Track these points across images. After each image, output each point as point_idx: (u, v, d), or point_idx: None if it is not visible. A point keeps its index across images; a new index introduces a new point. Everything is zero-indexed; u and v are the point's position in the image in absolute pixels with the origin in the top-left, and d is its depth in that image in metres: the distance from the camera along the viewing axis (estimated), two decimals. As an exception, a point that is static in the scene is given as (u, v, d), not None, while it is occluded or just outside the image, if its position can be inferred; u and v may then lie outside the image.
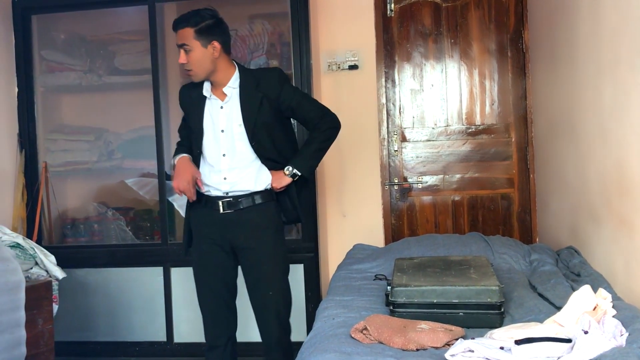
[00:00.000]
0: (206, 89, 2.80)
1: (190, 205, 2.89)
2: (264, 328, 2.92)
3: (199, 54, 2.69)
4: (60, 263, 3.45)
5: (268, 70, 3.06)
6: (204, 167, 2.82)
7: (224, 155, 2.77)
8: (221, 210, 2.79)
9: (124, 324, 4.02)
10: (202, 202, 2.83)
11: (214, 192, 2.80)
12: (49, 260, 3.41)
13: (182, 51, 2.70)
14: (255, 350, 3.90)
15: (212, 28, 2.71)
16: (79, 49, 4.29)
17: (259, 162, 2.79)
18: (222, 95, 2.79)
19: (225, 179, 2.78)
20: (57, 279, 3.40)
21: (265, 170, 2.80)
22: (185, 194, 2.78)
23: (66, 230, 4.28)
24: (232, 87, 2.79)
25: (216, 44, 2.70)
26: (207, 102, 2.80)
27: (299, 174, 2.81)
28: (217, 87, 2.80)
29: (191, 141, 2.87)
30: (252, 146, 2.75)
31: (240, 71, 2.82)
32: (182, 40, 2.69)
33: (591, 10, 2.77)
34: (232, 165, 2.77)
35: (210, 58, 2.71)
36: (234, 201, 2.78)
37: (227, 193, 2.79)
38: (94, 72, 4.24)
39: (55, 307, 3.33)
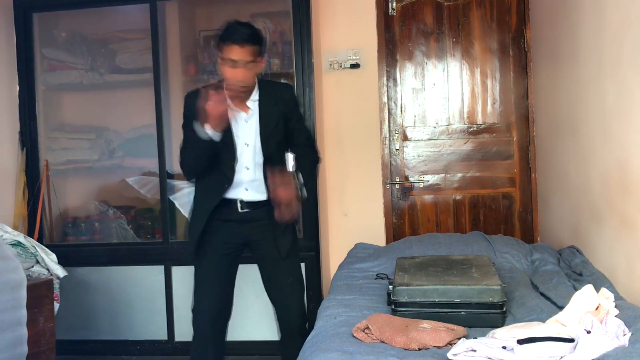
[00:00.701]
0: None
1: (201, 209, 2.87)
2: (289, 316, 2.96)
3: (259, 70, 2.72)
4: (62, 261, 3.45)
5: (284, 86, 3.02)
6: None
7: (247, 168, 2.79)
8: (239, 210, 2.82)
9: (125, 322, 4.01)
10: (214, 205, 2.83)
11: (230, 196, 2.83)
12: (50, 259, 3.41)
13: (242, 68, 2.62)
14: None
15: (264, 44, 2.74)
16: (81, 47, 4.29)
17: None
18: (246, 108, 2.77)
19: (247, 189, 2.81)
20: (58, 278, 3.40)
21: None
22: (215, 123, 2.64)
23: (67, 229, 4.28)
24: (254, 99, 2.78)
25: (264, 59, 2.74)
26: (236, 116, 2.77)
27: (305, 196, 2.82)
28: (240, 100, 2.75)
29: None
30: (265, 159, 2.79)
31: (259, 83, 2.81)
32: (250, 56, 2.62)
33: (594, 9, 2.76)
34: (254, 177, 2.80)
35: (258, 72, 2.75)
36: (252, 202, 2.84)
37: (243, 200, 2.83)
38: (96, 71, 4.24)
39: (57, 306, 3.33)
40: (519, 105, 4.11)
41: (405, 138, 4.21)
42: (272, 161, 2.78)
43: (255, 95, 2.78)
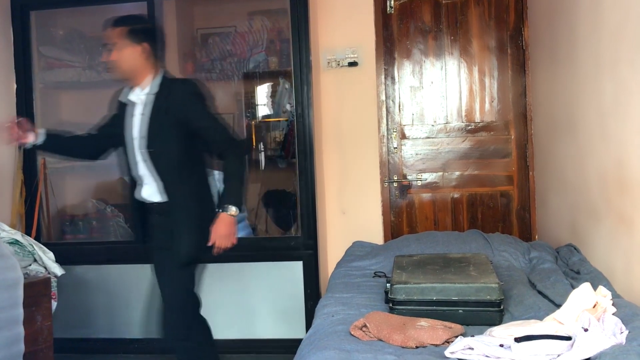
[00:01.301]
0: (125, 93, 2.82)
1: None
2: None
3: (133, 55, 2.72)
4: (59, 260, 3.44)
5: (183, 82, 2.89)
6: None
7: (137, 162, 2.76)
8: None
9: (123, 320, 4.01)
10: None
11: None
12: (47, 257, 3.40)
13: (113, 50, 2.72)
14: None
15: (145, 31, 2.78)
16: (78, 45, 4.28)
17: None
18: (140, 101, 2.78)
19: (143, 186, 2.79)
20: (55, 276, 3.39)
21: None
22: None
23: (65, 227, 4.27)
24: (150, 92, 2.74)
25: (146, 45, 2.73)
26: (127, 107, 2.79)
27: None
28: (130, 86, 2.80)
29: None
30: (149, 156, 2.72)
31: (162, 78, 2.78)
32: (116, 38, 2.72)
33: (591, 7, 2.76)
34: (145, 173, 2.75)
35: (139, 58, 2.73)
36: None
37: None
38: (93, 69, 4.22)
39: (54, 304, 3.33)
40: (517, 103, 4.11)
41: (403, 136, 4.20)
42: (184, 166, 2.71)
43: (152, 89, 2.73)
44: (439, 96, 4.18)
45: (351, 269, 3.26)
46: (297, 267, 3.88)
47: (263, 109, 4.36)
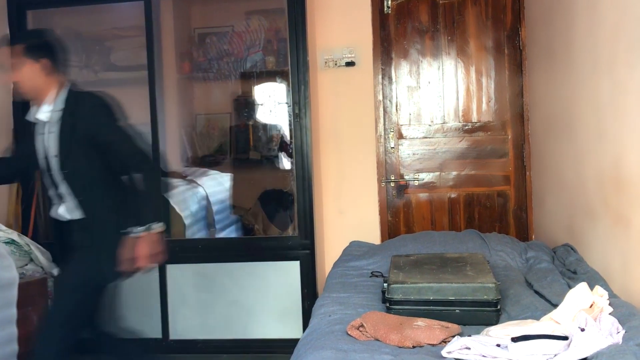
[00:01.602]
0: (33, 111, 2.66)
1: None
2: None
3: (31, 72, 2.59)
4: (56, 260, 3.43)
5: (89, 95, 2.67)
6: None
7: (55, 182, 2.65)
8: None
9: (118, 319, 3.99)
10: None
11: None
12: (44, 257, 3.39)
13: (14, 70, 2.61)
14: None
15: (42, 46, 2.64)
16: (75, 44, 4.27)
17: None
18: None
19: (60, 205, 2.68)
20: (52, 276, 3.39)
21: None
22: None
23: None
24: (55, 109, 2.61)
25: (45, 61, 2.60)
26: (37, 126, 2.65)
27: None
28: (35, 104, 2.67)
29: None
30: (71, 173, 2.61)
31: (68, 93, 2.65)
32: (11, 57, 2.61)
33: (588, 7, 2.76)
34: (64, 192, 2.64)
35: (40, 75, 2.60)
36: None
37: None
38: (90, 68, 4.22)
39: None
40: (514, 103, 4.11)
41: (400, 136, 4.20)
42: (98, 183, 2.62)
43: (57, 105, 2.61)
44: (436, 96, 4.18)
45: (348, 268, 3.26)
46: (294, 267, 3.88)
47: (260, 109, 4.36)
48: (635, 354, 1.67)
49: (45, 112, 2.62)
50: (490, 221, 4.13)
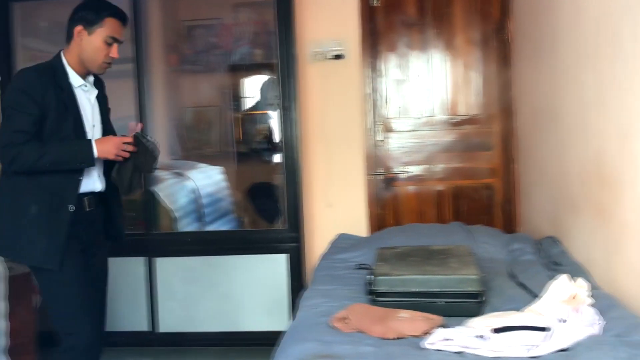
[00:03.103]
0: (76, 76, 2.57)
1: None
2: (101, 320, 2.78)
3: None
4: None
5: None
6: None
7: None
8: (87, 208, 2.59)
9: (107, 313, 4.00)
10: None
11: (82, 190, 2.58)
12: (31, 250, 3.38)
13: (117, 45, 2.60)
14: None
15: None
16: (61, 37, 4.22)
17: None
18: (91, 87, 2.65)
19: (98, 176, 2.64)
20: (39, 269, 3.38)
21: None
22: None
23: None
24: (91, 79, 2.66)
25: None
26: (81, 92, 2.58)
27: None
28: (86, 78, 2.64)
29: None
30: None
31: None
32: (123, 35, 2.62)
33: (573, 1, 2.78)
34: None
35: None
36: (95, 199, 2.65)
37: (93, 191, 2.62)
38: (77, 61, 4.20)
39: (37, 298, 3.32)
40: (501, 96, 4.13)
41: (388, 129, 4.22)
42: None
43: (90, 79, 2.65)
44: (424, 89, 4.19)
45: (335, 261, 3.28)
46: (282, 259, 3.90)
47: (249, 102, 4.36)
48: (614, 345, 1.70)
49: (90, 81, 2.64)
50: (477, 213, 4.15)
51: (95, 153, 2.47)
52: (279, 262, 3.89)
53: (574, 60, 2.77)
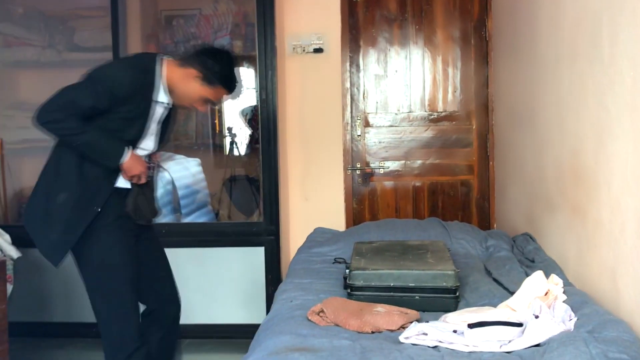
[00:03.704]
0: (163, 94, 2.58)
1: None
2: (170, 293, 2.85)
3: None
4: (16, 242, 3.38)
5: None
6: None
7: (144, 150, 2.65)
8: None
9: (80, 304, 3.94)
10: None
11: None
12: (3, 239, 3.34)
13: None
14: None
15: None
16: (38, 23, 4.19)
17: None
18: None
19: None
20: (12, 259, 3.33)
21: None
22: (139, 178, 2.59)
23: (22, 209, 4.18)
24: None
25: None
26: (159, 107, 2.59)
27: None
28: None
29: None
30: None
31: None
32: None
33: (552, 1, 2.80)
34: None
35: None
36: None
37: None
38: (53, 48, 4.15)
39: (10, 287, 3.27)
40: (479, 94, 4.16)
41: (367, 124, 4.22)
42: None
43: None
44: (403, 85, 4.20)
45: (312, 254, 3.28)
46: (258, 252, 3.89)
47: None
48: (585, 340, 1.72)
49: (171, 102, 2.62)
50: (453, 210, 4.19)
51: (123, 161, 2.48)
52: (255, 255, 3.89)
53: (552, 60, 2.80)
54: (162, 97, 2.55)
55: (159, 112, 2.58)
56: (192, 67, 2.52)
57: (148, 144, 2.62)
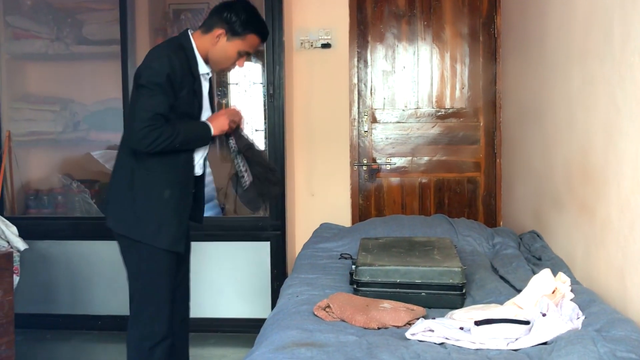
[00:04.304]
0: (203, 65, 2.55)
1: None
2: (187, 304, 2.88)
3: None
4: (22, 234, 3.39)
5: None
6: (199, 150, 2.64)
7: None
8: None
9: (86, 297, 3.97)
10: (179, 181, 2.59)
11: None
12: (10, 231, 3.35)
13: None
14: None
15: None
16: (46, 16, 4.18)
17: None
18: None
19: (202, 158, 2.68)
20: (18, 250, 3.34)
21: None
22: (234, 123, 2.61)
23: (29, 201, 4.20)
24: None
25: None
26: (203, 79, 2.58)
27: None
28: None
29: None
30: None
31: None
32: None
33: (563, -3, 2.79)
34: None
35: None
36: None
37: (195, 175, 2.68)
38: (61, 41, 4.14)
39: (16, 279, 3.28)
40: (487, 90, 4.15)
41: (374, 120, 4.21)
42: None
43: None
44: (411, 81, 4.19)
45: (318, 250, 3.28)
46: (264, 247, 3.89)
47: (235, 88, 4.32)
48: (593, 339, 1.71)
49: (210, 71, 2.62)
50: (459, 207, 4.18)
51: (213, 131, 2.54)
52: (261, 250, 3.88)
53: (562, 56, 2.78)
54: (203, 68, 2.55)
55: (206, 84, 2.60)
56: (214, 28, 2.49)
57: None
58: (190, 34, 2.55)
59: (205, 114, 2.62)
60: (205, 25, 2.54)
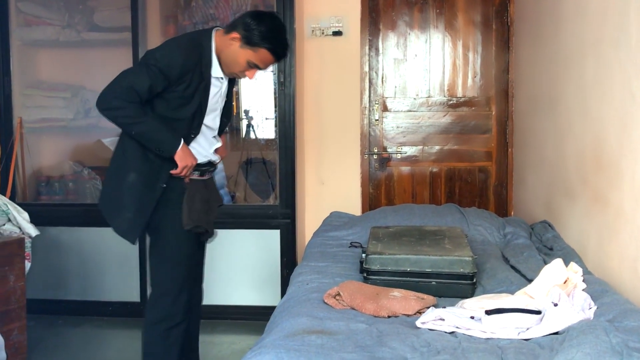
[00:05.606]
0: (218, 68, 2.54)
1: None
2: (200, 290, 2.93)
3: None
4: (34, 220, 3.41)
5: None
6: (200, 139, 2.62)
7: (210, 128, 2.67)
8: (205, 176, 2.69)
9: (97, 283, 4.00)
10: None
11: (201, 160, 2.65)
12: (22, 217, 3.36)
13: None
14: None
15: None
16: (57, 2, 4.18)
17: None
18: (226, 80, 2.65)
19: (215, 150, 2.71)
20: (30, 236, 3.36)
21: None
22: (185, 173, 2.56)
23: (41, 188, 4.22)
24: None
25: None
26: (216, 81, 2.56)
27: None
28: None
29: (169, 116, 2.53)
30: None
31: None
32: None
33: (578, -16, 2.75)
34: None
35: None
36: (209, 167, 2.72)
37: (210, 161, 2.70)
38: (72, 28, 4.14)
39: (28, 265, 3.30)
40: (499, 79, 4.11)
41: (385, 109, 4.19)
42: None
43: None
44: (422, 69, 4.16)
45: (328, 238, 3.27)
46: (274, 235, 3.89)
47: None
48: (605, 329, 1.70)
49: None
50: (470, 196, 4.16)
51: (176, 153, 2.47)
52: (271, 238, 3.89)
53: (577, 45, 2.75)
54: (216, 71, 2.52)
55: (217, 87, 2.55)
56: (234, 30, 2.46)
57: (211, 121, 2.60)
58: (213, 32, 2.52)
59: (211, 115, 2.59)
60: (229, 26, 2.52)
